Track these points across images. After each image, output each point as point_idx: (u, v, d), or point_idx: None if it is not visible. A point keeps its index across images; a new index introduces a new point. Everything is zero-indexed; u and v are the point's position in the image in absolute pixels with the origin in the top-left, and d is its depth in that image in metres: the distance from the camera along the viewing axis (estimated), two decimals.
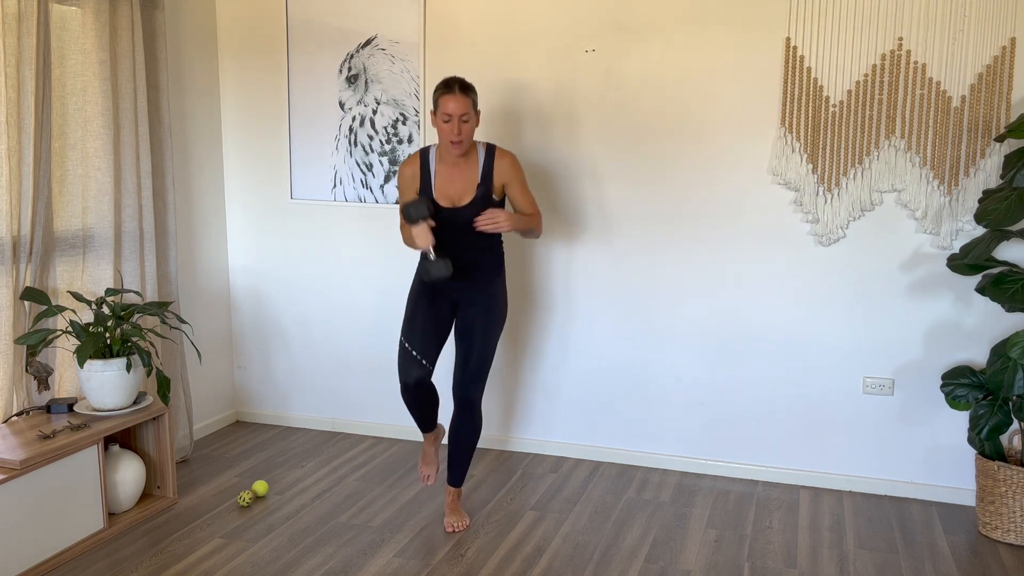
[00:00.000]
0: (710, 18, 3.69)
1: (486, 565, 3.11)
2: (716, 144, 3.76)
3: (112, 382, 3.31)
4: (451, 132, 3.10)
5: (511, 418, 4.23)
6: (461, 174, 3.22)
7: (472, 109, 3.12)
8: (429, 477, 3.65)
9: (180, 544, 3.25)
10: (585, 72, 3.87)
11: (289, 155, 4.34)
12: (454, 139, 3.11)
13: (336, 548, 3.23)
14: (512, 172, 3.26)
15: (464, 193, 3.21)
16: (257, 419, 4.62)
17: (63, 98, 3.45)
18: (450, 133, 3.11)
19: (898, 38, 3.49)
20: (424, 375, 3.31)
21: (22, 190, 3.24)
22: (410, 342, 3.30)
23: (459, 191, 3.21)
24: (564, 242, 4.01)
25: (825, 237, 3.67)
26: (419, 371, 3.30)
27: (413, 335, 3.31)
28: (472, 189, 3.20)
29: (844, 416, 3.76)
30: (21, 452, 2.98)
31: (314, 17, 4.20)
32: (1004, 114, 3.42)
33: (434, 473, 3.66)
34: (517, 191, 3.28)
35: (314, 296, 4.42)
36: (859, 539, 3.35)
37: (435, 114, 3.15)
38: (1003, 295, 3.20)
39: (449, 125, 3.10)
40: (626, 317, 3.98)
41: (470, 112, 3.11)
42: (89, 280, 3.57)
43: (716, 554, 3.21)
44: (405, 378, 3.31)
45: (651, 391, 4.00)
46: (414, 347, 3.30)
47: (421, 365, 3.30)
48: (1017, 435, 3.46)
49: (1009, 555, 3.25)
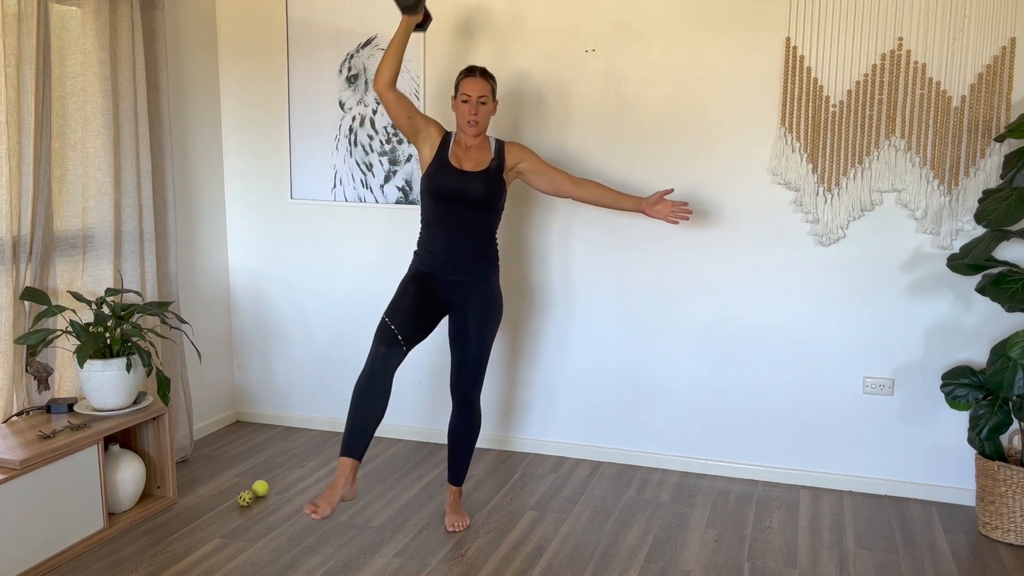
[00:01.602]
0: (710, 18, 3.69)
1: (486, 565, 3.11)
2: (716, 144, 3.76)
3: (112, 382, 3.31)
4: (469, 112, 3.21)
5: (511, 418, 4.23)
6: (476, 155, 3.28)
7: (490, 94, 3.24)
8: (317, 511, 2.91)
9: (180, 544, 3.25)
10: (585, 72, 3.87)
11: (289, 155, 4.35)
12: (471, 119, 3.20)
13: (336, 548, 3.23)
14: (524, 151, 3.35)
15: (477, 165, 3.26)
16: (257, 419, 4.62)
17: (63, 98, 3.45)
18: (468, 113, 3.21)
19: (898, 38, 3.49)
20: (396, 355, 3.04)
21: (22, 190, 3.24)
22: (393, 321, 3.09)
23: (472, 164, 3.26)
24: (563, 241, 4.01)
25: (825, 237, 3.67)
26: (393, 348, 3.03)
27: (396, 313, 3.11)
28: (486, 162, 3.27)
29: (844, 416, 3.76)
30: (21, 452, 2.98)
31: (314, 17, 4.20)
32: (1004, 114, 3.42)
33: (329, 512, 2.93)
34: (543, 165, 3.36)
35: (314, 296, 4.42)
36: (859, 539, 3.35)
37: (455, 98, 3.26)
38: (1003, 295, 3.20)
39: (468, 105, 3.21)
40: (626, 317, 3.98)
41: (488, 96, 3.23)
42: (89, 280, 3.57)
43: (716, 554, 3.21)
44: (377, 354, 3.02)
45: (651, 391, 4.00)
46: (396, 326, 3.07)
47: (397, 341, 3.04)
48: (1017, 435, 3.46)
49: (1009, 555, 3.25)
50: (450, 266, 3.24)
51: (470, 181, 3.21)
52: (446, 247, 3.24)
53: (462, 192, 3.20)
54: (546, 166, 3.37)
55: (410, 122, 3.26)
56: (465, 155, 3.27)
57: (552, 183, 3.37)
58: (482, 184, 3.21)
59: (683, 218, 3.34)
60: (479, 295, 3.28)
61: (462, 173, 3.21)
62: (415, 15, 3.19)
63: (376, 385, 3.02)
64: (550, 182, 3.36)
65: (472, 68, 3.26)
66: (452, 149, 3.27)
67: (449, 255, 3.24)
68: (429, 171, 3.24)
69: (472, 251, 3.26)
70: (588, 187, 3.38)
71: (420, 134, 3.28)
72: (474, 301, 3.28)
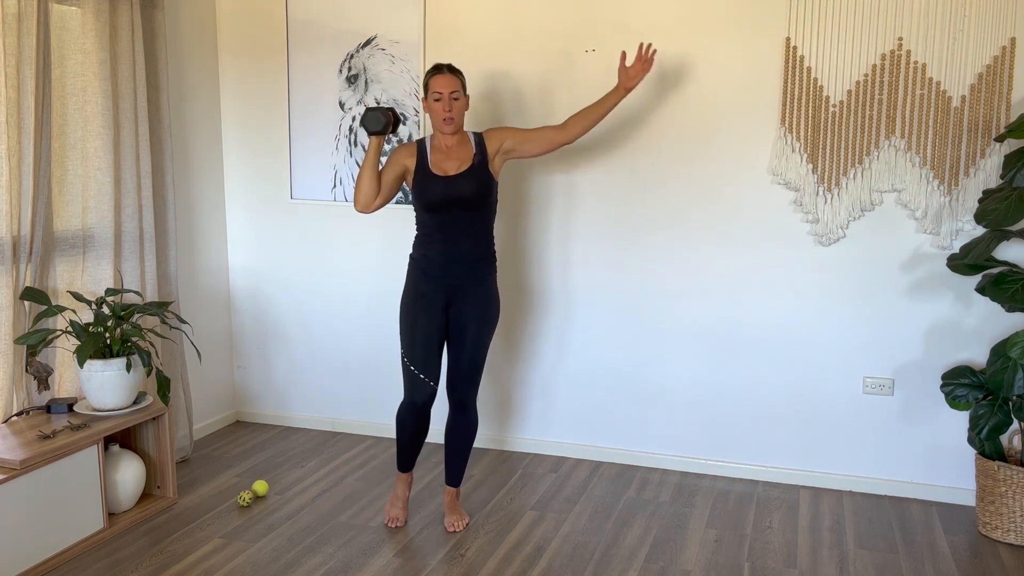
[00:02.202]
0: (710, 18, 3.69)
1: (486, 565, 3.11)
2: (716, 144, 3.76)
3: (112, 382, 3.31)
4: (443, 109, 3.16)
5: (511, 418, 4.23)
6: (456, 154, 3.24)
7: (461, 88, 3.20)
8: (398, 520, 3.42)
9: (180, 544, 3.25)
10: (585, 72, 3.87)
11: (289, 155, 4.35)
12: (446, 116, 3.17)
13: (336, 548, 3.23)
14: (503, 130, 3.31)
15: (460, 165, 3.23)
16: (257, 419, 4.62)
17: (63, 98, 3.45)
18: (442, 111, 3.17)
19: (898, 38, 3.49)
20: (432, 393, 3.31)
21: (22, 190, 3.24)
22: (414, 363, 3.27)
23: (455, 166, 3.23)
24: (563, 241, 4.01)
25: (825, 237, 3.67)
26: (426, 391, 3.29)
27: (415, 353, 3.27)
28: (468, 160, 3.23)
29: (844, 416, 3.76)
30: (21, 452, 2.98)
31: (314, 17, 4.20)
32: (1004, 114, 3.42)
33: (404, 517, 3.44)
34: (525, 133, 3.30)
35: (314, 296, 4.42)
36: (859, 539, 3.35)
37: (426, 99, 3.21)
38: (1003, 295, 3.20)
39: (440, 103, 3.17)
40: (626, 317, 3.98)
41: (459, 90, 3.19)
42: (89, 280, 3.57)
43: (716, 554, 3.21)
44: (413, 398, 3.31)
45: (651, 391, 4.00)
46: (419, 368, 3.26)
47: (428, 385, 3.29)
48: (1017, 435, 3.46)
49: (1009, 555, 3.25)
50: (447, 269, 3.24)
51: (457, 184, 3.18)
52: (442, 251, 3.23)
53: (452, 198, 3.18)
54: (529, 131, 3.31)
55: (396, 184, 3.27)
56: (446, 158, 3.23)
57: (543, 142, 3.30)
58: (470, 183, 3.19)
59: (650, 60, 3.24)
60: (476, 297, 3.28)
61: (447, 179, 3.18)
62: (384, 135, 3.17)
63: (412, 422, 3.36)
64: (540, 142, 3.30)
65: (439, 66, 3.21)
66: (431, 157, 3.23)
67: (446, 259, 3.23)
68: (415, 185, 3.23)
69: (469, 254, 3.25)
70: (574, 122, 3.29)
71: (402, 174, 3.26)
72: (471, 303, 3.27)
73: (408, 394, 3.31)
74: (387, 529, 3.38)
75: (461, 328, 3.27)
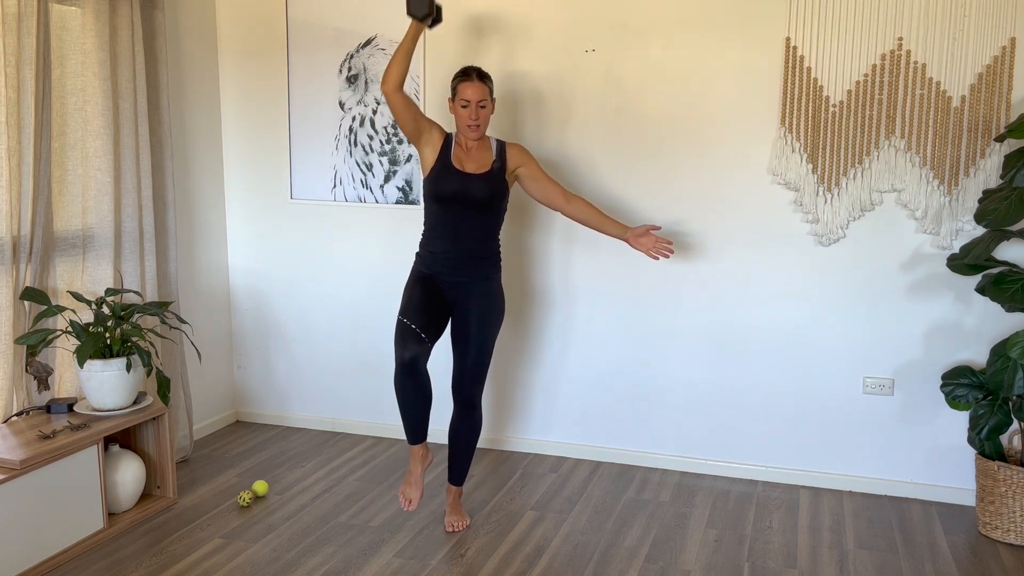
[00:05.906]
0: (710, 18, 3.69)
1: (486, 565, 3.11)
2: (716, 144, 3.76)
3: (112, 382, 3.31)
4: (469, 117, 3.20)
5: (511, 418, 4.23)
6: (477, 156, 3.28)
7: (488, 96, 3.24)
8: (411, 502, 3.39)
9: (180, 544, 3.25)
10: (585, 72, 3.87)
11: (289, 155, 4.34)
12: (471, 123, 3.21)
13: (336, 548, 3.23)
14: (525, 155, 3.35)
15: (479, 168, 3.26)
16: (257, 419, 4.62)
17: (63, 98, 3.45)
18: (468, 118, 3.21)
19: (898, 38, 3.49)
20: (423, 351, 3.16)
21: (22, 190, 3.24)
22: (408, 317, 3.19)
23: (474, 167, 3.26)
24: (563, 241, 4.01)
25: (825, 237, 3.67)
26: (418, 346, 3.15)
27: (410, 311, 3.20)
28: (487, 164, 3.27)
29: (844, 416, 3.76)
30: (21, 452, 2.98)
31: (314, 17, 4.20)
32: (1004, 114, 3.42)
33: (418, 498, 3.39)
34: (540, 173, 3.35)
35: (314, 296, 4.42)
36: (859, 539, 3.35)
37: (453, 101, 3.25)
38: (1003, 295, 3.20)
39: (467, 110, 3.21)
40: (626, 317, 3.98)
41: (487, 98, 3.23)
42: (89, 280, 3.57)
43: (716, 554, 3.22)
44: (403, 353, 3.15)
45: (651, 391, 4.00)
46: (412, 321, 3.18)
47: (420, 339, 3.15)
48: (1017, 435, 3.46)
49: (1009, 555, 3.25)
50: (452, 267, 3.25)
51: (473, 183, 3.21)
52: (448, 248, 3.25)
53: (465, 194, 3.20)
54: (543, 175, 3.36)
55: (415, 125, 3.25)
56: (467, 157, 3.27)
57: (545, 193, 3.36)
58: (485, 186, 3.22)
59: (664, 255, 3.33)
60: (481, 295, 3.29)
61: (465, 175, 3.22)
62: (424, 22, 3.18)
63: (410, 384, 3.17)
64: (543, 192, 3.36)
65: (468, 71, 3.23)
66: (454, 151, 3.27)
67: (451, 256, 3.25)
68: (432, 174, 3.24)
69: (475, 252, 3.26)
70: (577, 204, 3.36)
71: (423, 137, 3.28)
72: (476, 301, 3.28)
73: (398, 353, 3.16)
74: (390, 525, 3.37)
75: (466, 325, 3.28)
